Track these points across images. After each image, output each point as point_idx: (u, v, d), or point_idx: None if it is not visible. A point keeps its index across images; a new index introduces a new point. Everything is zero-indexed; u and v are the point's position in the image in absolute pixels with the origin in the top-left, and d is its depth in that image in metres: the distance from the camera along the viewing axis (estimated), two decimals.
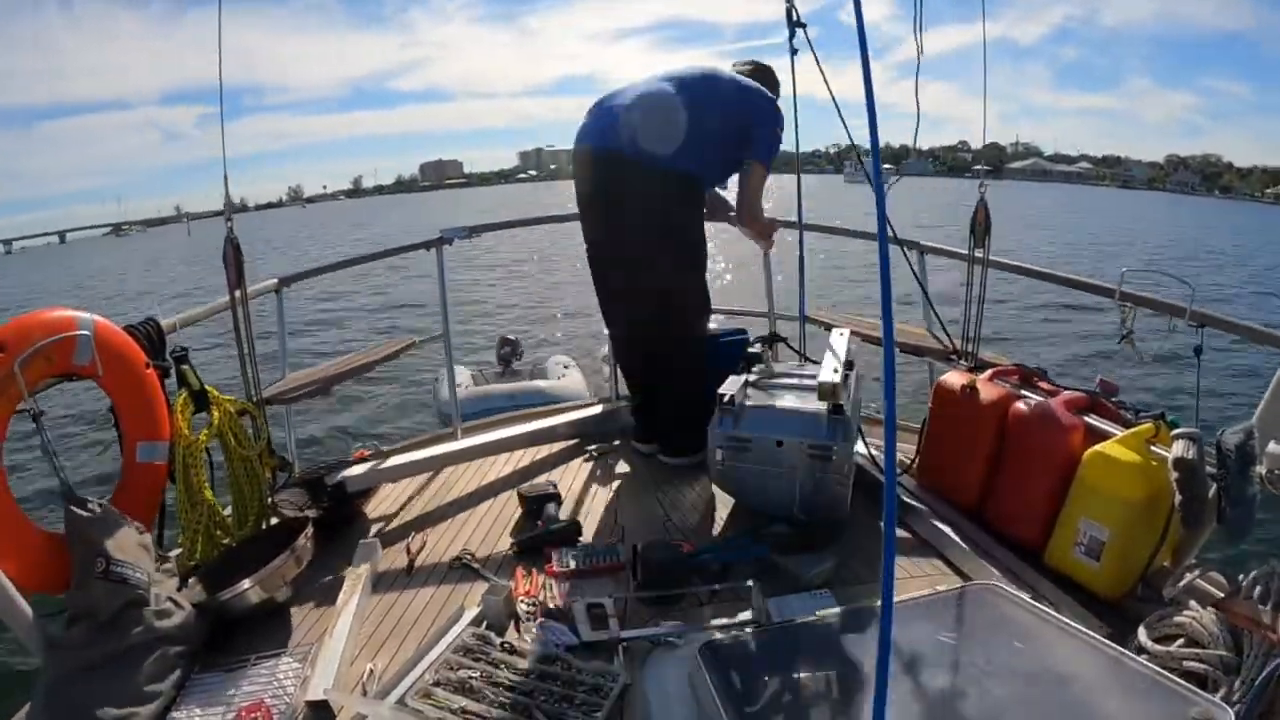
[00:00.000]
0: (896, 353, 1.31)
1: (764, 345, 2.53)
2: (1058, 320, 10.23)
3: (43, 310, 1.63)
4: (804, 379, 2.15)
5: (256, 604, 1.62)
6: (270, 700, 1.38)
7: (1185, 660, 1.27)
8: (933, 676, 1.27)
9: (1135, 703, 1.16)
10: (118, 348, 1.73)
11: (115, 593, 1.44)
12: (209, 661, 1.53)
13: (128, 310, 8.77)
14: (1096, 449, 1.66)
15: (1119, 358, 2.07)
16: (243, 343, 2.17)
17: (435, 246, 2.81)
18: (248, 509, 2.03)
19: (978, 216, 2.31)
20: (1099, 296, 2.21)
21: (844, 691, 1.24)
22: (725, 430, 2.00)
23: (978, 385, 2.00)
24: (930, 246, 2.66)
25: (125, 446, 1.77)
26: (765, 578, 1.72)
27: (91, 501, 1.54)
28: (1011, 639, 1.35)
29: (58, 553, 1.51)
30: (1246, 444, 1.47)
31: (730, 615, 1.59)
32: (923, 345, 2.52)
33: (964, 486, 2.02)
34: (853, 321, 2.68)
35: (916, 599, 1.49)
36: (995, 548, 1.84)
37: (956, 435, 2.05)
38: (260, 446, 2.10)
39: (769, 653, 1.36)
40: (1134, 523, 1.59)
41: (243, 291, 2.17)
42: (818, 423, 1.92)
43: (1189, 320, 1.81)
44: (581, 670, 1.42)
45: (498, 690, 1.37)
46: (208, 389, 1.95)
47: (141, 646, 1.41)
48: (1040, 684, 1.22)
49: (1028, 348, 8.42)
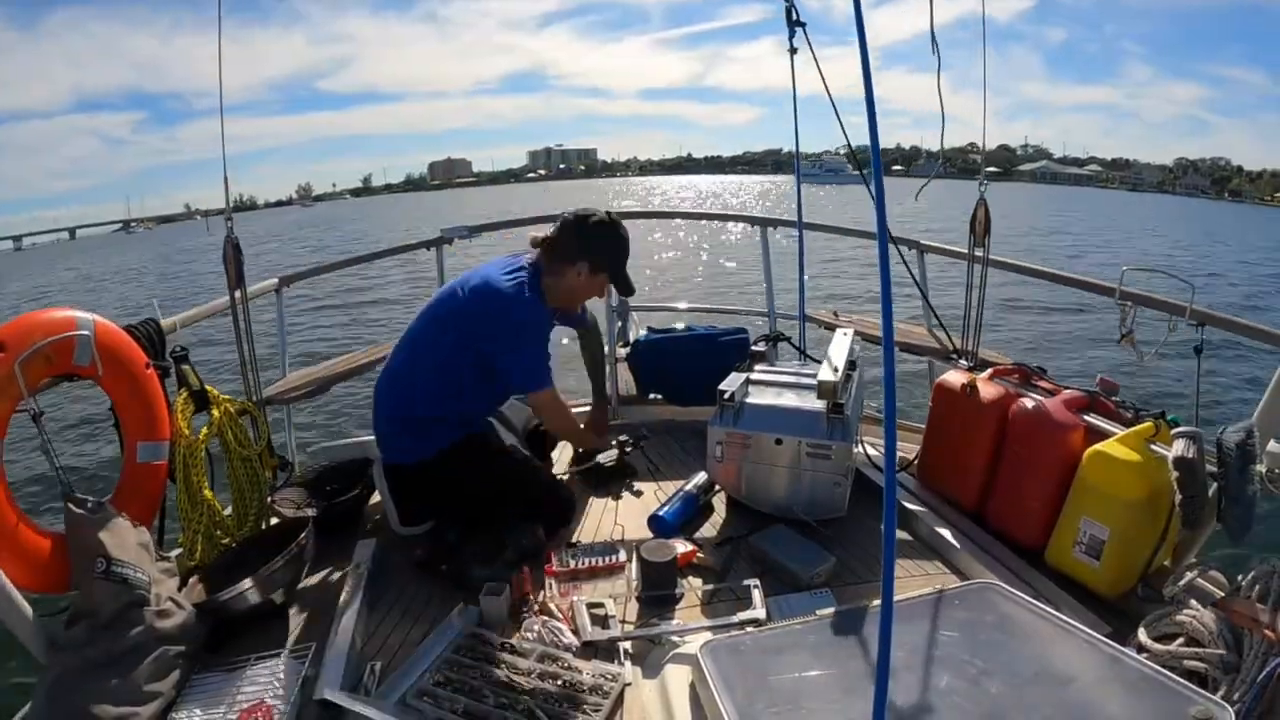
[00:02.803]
0: (896, 351, 1.31)
1: (766, 343, 2.54)
2: (1058, 319, 10.22)
3: (43, 310, 1.63)
4: (804, 378, 2.15)
5: (256, 604, 1.62)
6: (270, 700, 1.37)
7: (1185, 659, 1.27)
8: (933, 676, 1.27)
9: (1135, 701, 1.16)
10: (117, 348, 1.72)
11: (115, 593, 1.44)
12: (209, 661, 1.53)
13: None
14: (1097, 448, 1.66)
15: (1119, 357, 2.07)
16: (243, 342, 2.18)
17: (435, 246, 2.82)
18: (248, 509, 2.03)
19: (977, 216, 2.31)
20: (1099, 295, 2.21)
21: (844, 691, 1.24)
22: (724, 427, 2.01)
23: (978, 384, 2.00)
24: (930, 246, 2.67)
25: (125, 446, 1.77)
26: (765, 578, 1.72)
27: (91, 501, 1.54)
28: (1012, 638, 1.35)
29: (58, 553, 1.51)
30: (1246, 443, 1.47)
31: (730, 615, 1.59)
32: (923, 344, 2.52)
33: (964, 486, 2.02)
34: (853, 321, 2.68)
35: (916, 598, 1.49)
36: (995, 547, 1.84)
37: (957, 434, 2.05)
38: (260, 446, 2.10)
39: (769, 653, 1.36)
40: (1134, 522, 1.59)
41: (243, 291, 2.17)
42: (817, 421, 1.93)
43: (1189, 319, 1.81)
44: (582, 670, 1.42)
45: (498, 690, 1.37)
46: (208, 389, 1.95)
47: (141, 646, 1.41)
48: (1040, 683, 1.22)
49: (1028, 347, 8.41)
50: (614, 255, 1.99)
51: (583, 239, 1.95)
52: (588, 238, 1.95)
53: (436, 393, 1.95)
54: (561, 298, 2.02)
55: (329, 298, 11.80)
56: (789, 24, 2.21)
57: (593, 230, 1.95)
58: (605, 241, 1.97)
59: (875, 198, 0.80)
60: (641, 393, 2.95)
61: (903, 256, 2.55)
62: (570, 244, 1.94)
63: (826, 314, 2.98)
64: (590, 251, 1.95)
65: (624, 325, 3.25)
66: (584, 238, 1.95)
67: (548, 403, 2.00)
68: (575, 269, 1.96)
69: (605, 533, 2.04)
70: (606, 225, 1.97)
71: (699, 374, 2.43)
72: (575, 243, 1.94)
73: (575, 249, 1.94)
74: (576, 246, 1.94)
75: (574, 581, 1.79)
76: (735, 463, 2.03)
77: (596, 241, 1.95)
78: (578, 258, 1.95)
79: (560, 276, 1.97)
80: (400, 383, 2.01)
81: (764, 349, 2.45)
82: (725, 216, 4.55)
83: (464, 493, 2.01)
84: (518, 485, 2.02)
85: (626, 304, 3.20)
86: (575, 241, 1.94)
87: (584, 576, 1.81)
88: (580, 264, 1.95)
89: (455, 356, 1.92)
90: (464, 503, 2.02)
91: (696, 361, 2.72)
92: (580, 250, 1.95)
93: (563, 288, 1.99)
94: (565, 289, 2.00)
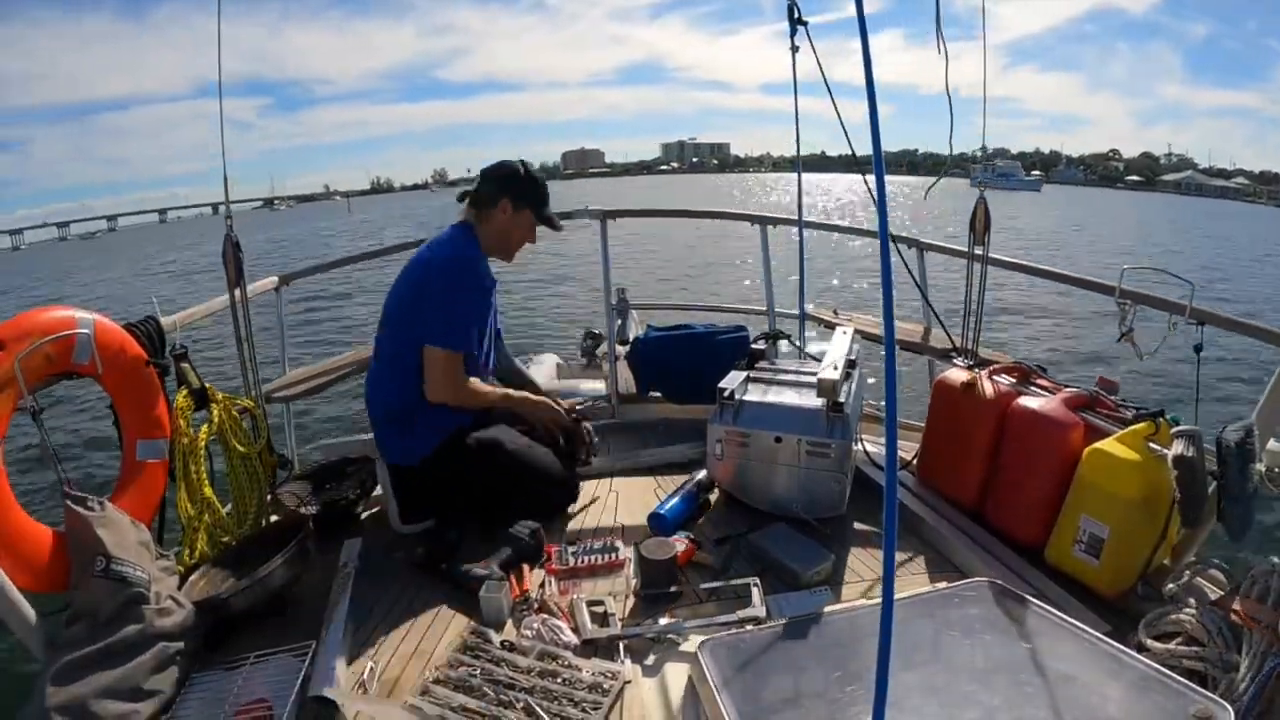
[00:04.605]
0: (896, 350, 1.31)
1: (766, 341, 2.54)
2: (1058, 318, 10.22)
3: (43, 308, 1.63)
4: (804, 376, 2.15)
5: (256, 602, 1.62)
6: (270, 699, 1.37)
7: (1185, 658, 1.28)
8: (933, 674, 1.27)
9: (1135, 700, 1.16)
10: (117, 346, 1.72)
11: (115, 591, 1.44)
12: (209, 659, 1.53)
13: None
14: (1096, 446, 1.66)
15: (1119, 355, 2.07)
16: (242, 341, 2.18)
17: None
18: (247, 507, 2.03)
19: (977, 215, 2.31)
20: (1100, 294, 2.21)
21: (844, 689, 1.24)
22: (724, 424, 2.01)
23: (978, 383, 2.00)
24: (930, 245, 2.67)
25: (125, 445, 1.77)
26: (765, 576, 1.73)
27: (91, 499, 1.54)
28: (1011, 637, 1.35)
29: (58, 551, 1.51)
30: (1246, 442, 1.47)
31: (730, 613, 1.59)
32: (923, 343, 2.52)
33: (964, 484, 2.02)
34: (853, 319, 2.68)
35: (916, 596, 1.50)
36: (995, 545, 1.84)
37: (956, 433, 2.05)
38: (260, 445, 2.10)
39: (769, 651, 1.36)
40: (1134, 520, 1.59)
41: (242, 290, 2.17)
42: (816, 419, 1.93)
43: (1189, 318, 1.81)
44: (581, 668, 1.42)
45: (497, 688, 1.37)
46: (207, 387, 1.95)
47: (141, 644, 1.41)
48: (1040, 682, 1.22)
49: (1028, 345, 8.41)
50: (532, 191, 2.11)
51: (500, 179, 2.10)
52: (504, 178, 2.10)
53: (408, 386, 1.99)
54: (496, 242, 2.11)
55: (329, 296, 11.80)
56: (790, 22, 2.21)
57: (507, 171, 2.11)
58: (520, 180, 2.11)
59: (876, 197, 0.80)
60: (641, 391, 2.95)
61: (903, 256, 2.55)
62: (490, 187, 2.09)
63: (827, 312, 2.99)
64: (508, 189, 2.08)
65: (624, 323, 3.26)
66: (501, 179, 2.10)
67: (440, 361, 1.94)
68: (499, 208, 2.08)
69: (605, 531, 2.04)
70: (520, 168, 2.13)
71: (698, 372, 2.43)
72: (494, 184, 2.09)
73: (495, 189, 2.09)
74: (496, 187, 2.09)
75: (573, 579, 1.79)
76: (735, 461, 2.03)
77: (512, 181, 2.10)
78: (499, 196, 2.08)
79: (489, 222, 2.09)
80: (375, 382, 2.11)
81: (764, 347, 2.46)
82: (726, 215, 4.54)
83: (464, 489, 2.03)
84: (517, 476, 2.05)
85: (626, 302, 3.21)
86: (494, 184, 2.09)
87: (583, 574, 1.81)
88: (503, 200, 2.07)
89: (405, 349, 1.98)
90: (466, 499, 2.05)
91: (696, 359, 2.72)
92: (500, 189, 2.08)
93: (494, 231, 2.10)
94: (497, 231, 2.10)
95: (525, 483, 2.05)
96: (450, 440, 2.02)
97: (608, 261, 2.94)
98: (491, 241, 2.10)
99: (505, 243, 2.13)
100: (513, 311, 10.36)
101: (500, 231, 2.10)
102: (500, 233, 2.10)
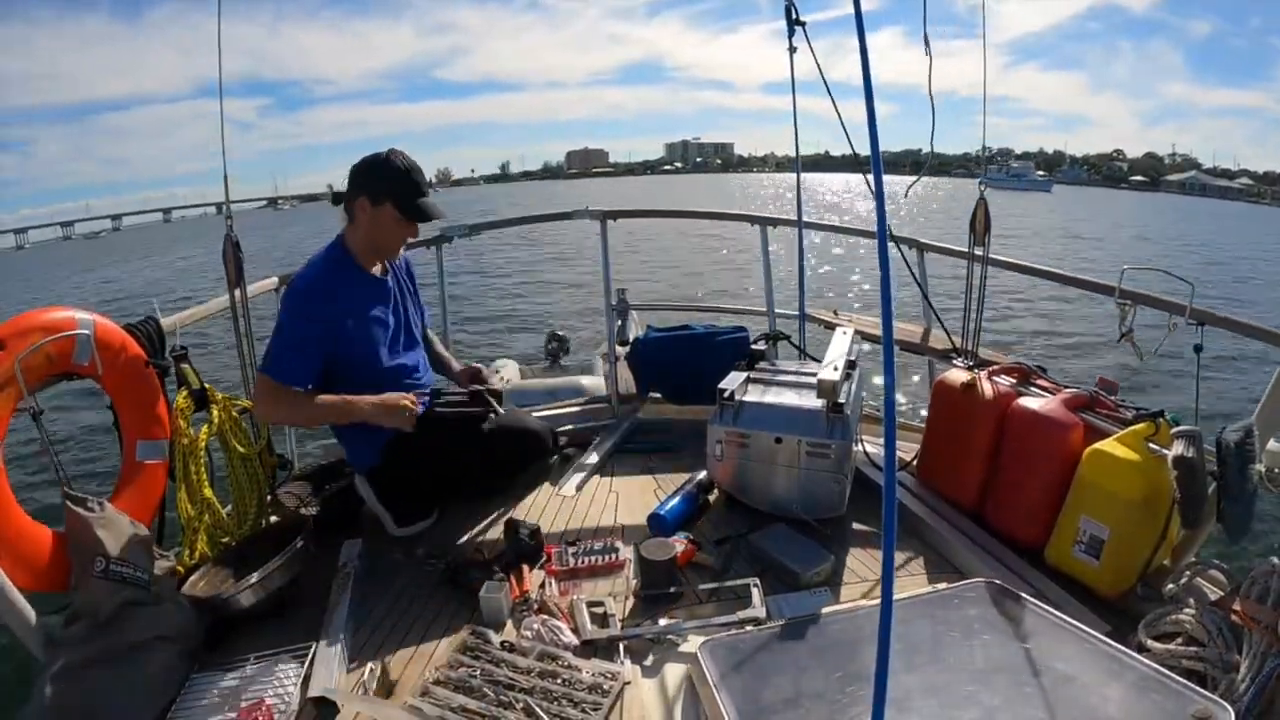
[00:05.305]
0: (896, 350, 1.31)
1: (766, 342, 2.54)
2: (1058, 318, 10.22)
3: (43, 309, 1.63)
4: (804, 376, 2.15)
5: (256, 603, 1.62)
6: (270, 700, 1.38)
7: (1185, 658, 1.27)
8: (933, 674, 1.27)
9: (1135, 701, 1.16)
10: (118, 347, 1.72)
11: (115, 591, 1.44)
12: (208, 660, 1.53)
13: None
14: (1096, 447, 1.66)
15: (1119, 356, 2.07)
16: (242, 341, 2.18)
17: (435, 245, 2.81)
18: (247, 508, 2.03)
19: (978, 215, 2.31)
20: (1100, 294, 2.20)
21: (844, 690, 1.24)
22: (724, 425, 2.01)
23: (977, 383, 2.00)
24: (930, 245, 2.66)
25: (125, 445, 1.77)
26: (765, 576, 1.73)
27: (91, 500, 1.54)
28: (1011, 637, 1.35)
29: (57, 551, 1.51)
30: (1245, 442, 1.47)
31: (729, 614, 1.59)
32: (923, 343, 2.52)
33: (964, 484, 2.02)
34: (853, 319, 2.68)
35: (916, 597, 1.50)
36: (994, 546, 1.84)
37: (956, 433, 2.05)
38: (260, 445, 2.10)
39: (769, 651, 1.36)
40: (1134, 521, 1.59)
41: (243, 290, 2.17)
42: (816, 420, 1.93)
43: (1189, 318, 1.81)
44: (581, 669, 1.42)
45: (497, 689, 1.37)
46: (207, 388, 1.95)
47: (141, 645, 1.41)
48: (1040, 682, 1.22)
49: (1027, 345, 8.41)
50: (389, 182, 1.93)
51: (355, 176, 1.94)
52: (358, 174, 1.93)
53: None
54: (364, 245, 1.98)
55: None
56: (789, 23, 2.20)
57: (361, 167, 1.94)
58: (373, 172, 1.92)
59: (875, 197, 0.80)
60: (641, 391, 2.95)
61: (904, 255, 2.55)
62: (350, 188, 1.94)
63: (827, 313, 2.98)
64: (363, 185, 1.93)
65: (623, 324, 3.25)
66: (355, 175, 1.94)
67: (258, 386, 1.85)
68: (358, 207, 1.94)
69: (605, 531, 2.04)
70: (375, 157, 1.94)
71: (698, 372, 2.43)
72: (352, 185, 1.93)
73: (352, 188, 1.93)
74: (354, 187, 1.93)
75: (573, 580, 1.79)
76: (735, 461, 2.03)
77: (366, 176, 1.92)
78: (356, 195, 1.92)
79: (355, 225, 1.96)
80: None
81: (764, 348, 2.46)
82: (726, 216, 4.55)
83: (437, 471, 2.04)
84: (475, 448, 2.06)
85: (626, 303, 3.20)
86: (352, 184, 1.94)
87: (583, 575, 1.81)
88: (359, 199, 1.93)
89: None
90: (444, 483, 2.09)
91: (696, 360, 2.72)
92: (357, 187, 1.92)
93: (363, 234, 1.96)
94: (365, 234, 1.96)
95: (489, 444, 2.06)
96: (393, 439, 1.98)
97: (608, 262, 2.94)
98: (360, 246, 1.97)
99: (375, 244, 1.98)
100: (512, 311, 10.38)
101: (365, 234, 1.95)
102: (365, 235, 1.95)
